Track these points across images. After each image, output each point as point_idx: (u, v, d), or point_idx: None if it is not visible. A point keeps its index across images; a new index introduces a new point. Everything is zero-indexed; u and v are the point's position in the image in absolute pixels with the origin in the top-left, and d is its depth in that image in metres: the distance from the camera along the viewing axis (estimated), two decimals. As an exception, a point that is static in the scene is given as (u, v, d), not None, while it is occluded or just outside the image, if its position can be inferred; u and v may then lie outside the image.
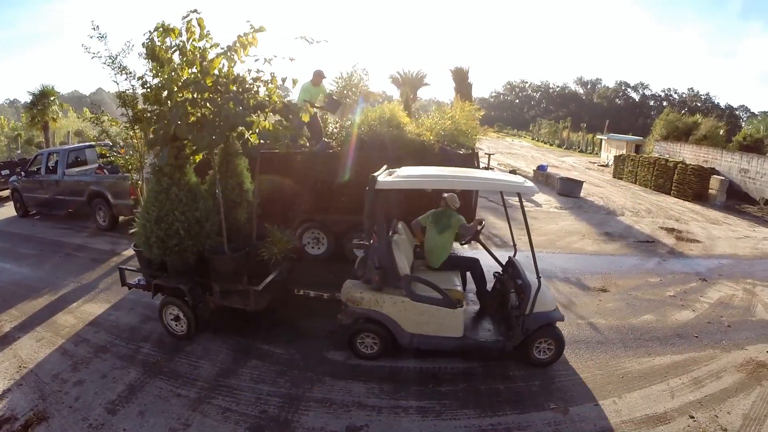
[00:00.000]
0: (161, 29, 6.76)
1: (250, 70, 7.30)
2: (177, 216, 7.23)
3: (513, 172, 23.09)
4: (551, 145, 63.28)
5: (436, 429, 5.95)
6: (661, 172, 25.40)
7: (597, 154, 47.68)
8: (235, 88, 7.15)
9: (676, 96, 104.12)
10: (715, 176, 23.07)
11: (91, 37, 8.33)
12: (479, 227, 8.06)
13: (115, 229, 14.51)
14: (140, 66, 9.56)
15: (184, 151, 7.24)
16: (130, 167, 10.08)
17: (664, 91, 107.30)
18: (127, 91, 8.56)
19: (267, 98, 7.44)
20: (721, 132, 35.36)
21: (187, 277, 7.60)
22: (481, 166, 10.99)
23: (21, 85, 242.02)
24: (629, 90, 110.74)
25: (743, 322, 9.11)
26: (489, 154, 24.72)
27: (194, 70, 7.05)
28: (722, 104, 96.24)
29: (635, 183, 27.64)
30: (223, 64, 7.09)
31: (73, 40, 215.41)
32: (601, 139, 46.19)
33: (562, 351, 7.14)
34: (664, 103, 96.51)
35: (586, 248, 13.23)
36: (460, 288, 7.49)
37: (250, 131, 7.22)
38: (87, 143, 18.47)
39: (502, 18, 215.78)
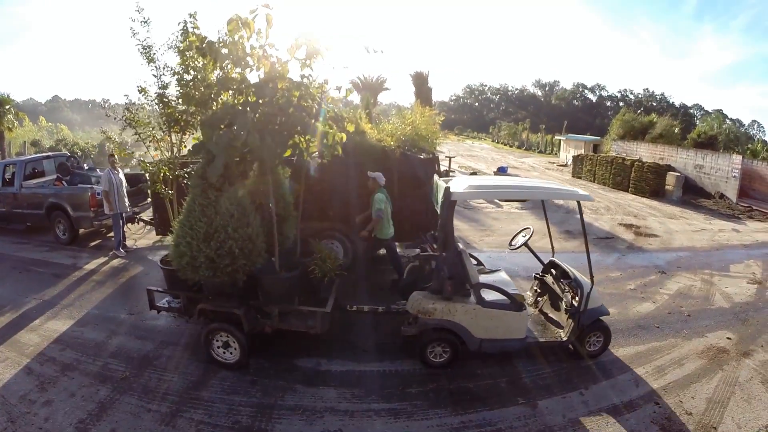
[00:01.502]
0: (236, 22, 6.29)
1: (303, 76, 6.75)
2: (229, 233, 6.54)
3: (474, 174, 23.29)
4: (511, 146, 64.03)
5: (408, 430, 6.06)
6: (618, 170, 25.97)
7: (556, 154, 48.39)
8: (298, 95, 6.67)
9: (632, 96, 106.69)
10: (671, 173, 23.69)
11: (134, 21, 8.00)
12: None
13: (75, 243, 14.15)
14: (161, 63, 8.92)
15: (236, 161, 6.70)
16: (160, 175, 9.30)
17: (620, 92, 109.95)
18: (163, 90, 8.22)
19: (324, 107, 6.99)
20: (676, 130, 36.30)
21: (240, 300, 7.03)
22: (441, 170, 11.09)
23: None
24: (586, 91, 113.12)
25: (702, 311, 9.51)
26: (450, 157, 24.96)
27: (255, 71, 6.66)
28: (677, 103, 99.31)
29: (594, 182, 28.20)
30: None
31: (29, 45, 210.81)
32: (559, 140, 46.89)
33: (609, 342, 7.52)
34: (621, 104, 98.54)
35: (547, 246, 13.41)
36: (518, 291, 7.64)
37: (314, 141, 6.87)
38: (44, 154, 18.06)
39: (461, 22, 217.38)
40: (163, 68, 8.15)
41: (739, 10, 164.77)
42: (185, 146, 8.77)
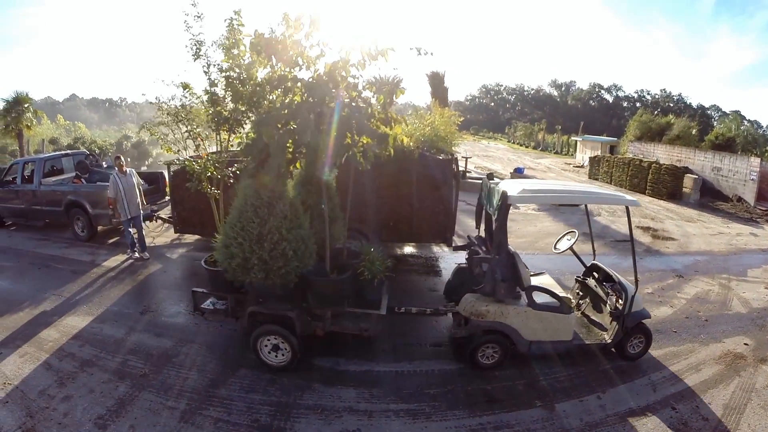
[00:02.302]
0: (293, 21, 6.19)
1: (354, 77, 6.57)
2: (283, 234, 6.45)
3: (490, 175, 23.14)
4: (527, 147, 63.91)
5: (426, 430, 6.06)
6: (635, 172, 25.78)
7: (572, 155, 48.22)
8: (355, 95, 6.61)
9: (648, 97, 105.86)
10: (688, 175, 23.52)
11: (187, 15, 7.89)
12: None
13: (93, 240, 14.29)
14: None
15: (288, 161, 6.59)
16: (207, 174, 8.87)
17: (637, 93, 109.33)
18: (214, 87, 8.01)
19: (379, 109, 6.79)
20: (694, 132, 36.03)
21: (292, 302, 6.98)
22: (459, 170, 11.05)
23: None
24: (603, 92, 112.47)
25: (720, 316, 9.43)
26: (466, 158, 24.86)
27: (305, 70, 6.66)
28: (694, 104, 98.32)
29: (611, 183, 27.98)
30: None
31: (46, 45, 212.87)
32: (576, 141, 46.67)
33: (650, 345, 7.55)
34: (638, 104, 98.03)
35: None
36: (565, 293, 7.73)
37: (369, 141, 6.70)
38: (63, 152, 18.21)
39: (477, 21, 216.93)
40: (213, 65, 8.02)
41: (756, 10, 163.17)
42: (231, 145, 8.67)
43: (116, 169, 12.30)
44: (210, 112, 8.12)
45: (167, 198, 14.85)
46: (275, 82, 6.63)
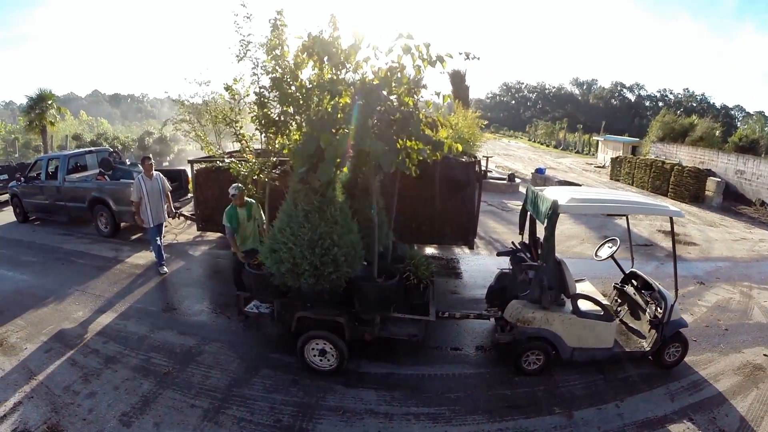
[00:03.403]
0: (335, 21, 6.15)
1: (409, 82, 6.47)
2: (335, 240, 6.44)
3: (512, 176, 23.08)
4: (548, 146, 63.51)
5: (447, 435, 6.04)
6: (658, 174, 25.51)
7: (593, 155, 47.86)
8: (408, 100, 6.49)
9: (671, 96, 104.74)
10: (711, 178, 23.22)
11: (236, 15, 7.80)
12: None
13: (116, 236, 14.46)
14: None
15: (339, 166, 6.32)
16: (253, 176, 8.79)
17: (659, 92, 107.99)
18: (263, 89, 7.86)
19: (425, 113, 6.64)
20: (717, 133, 35.55)
21: (341, 308, 6.96)
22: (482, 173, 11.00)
23: (17, 87, 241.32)
24: (625, 90, 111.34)
25: (740, 326, 9.29)
26: (487, 157, 24.79)
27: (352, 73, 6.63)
28: (717, 104, 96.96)
29: (632, 185, 27.70)
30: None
31: (68, 41, 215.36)
32: (597, 141, 46.34)
33: (686, 353, 7.52)
34: (660, 104, 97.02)
35: (585, 252, 13.28)
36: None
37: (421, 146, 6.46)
38: (87, 149, 18.39)
39: (498, 18, 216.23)
40: (260, 66, 7.87)
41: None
42: (277, 147, 8.56)
43: (142, 170, 11.40)
44: (257, 114, 8.00)
45: (189, 195, 14.98)
46: (326, 85, 6.47)
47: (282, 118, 7.75)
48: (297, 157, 6.52)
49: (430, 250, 12.66)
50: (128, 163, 17.03)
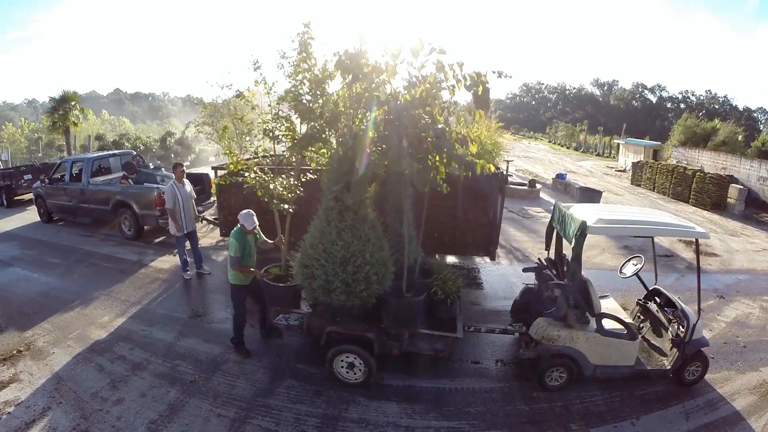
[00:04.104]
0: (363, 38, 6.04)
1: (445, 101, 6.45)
2: (366, 258, 6.53)
3: (533, 182, 22.95)
4: (568, 148, 63.16)
5: (467, 449, 6.07)
6: (679, 180, 25.27)
7: (614, 158, 47.52)
8: (441, 119, 6.40)
9: (693, 98, 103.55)
10: (733, 185, 22.91)
11: (293, 41, 7.71)
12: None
13: (140, 238, 14.64)
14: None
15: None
16: (280, 195, 8.42)
17: (681, 93, 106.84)
18: (303, 101, 7.64)
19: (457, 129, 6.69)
20: (740, 138, 35.05)
21: (370, 323, 7.05)
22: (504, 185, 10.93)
23: (39, 85, 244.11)
24: (646, 92, 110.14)
25: (758, 343, 9.19)
26: (508, 161, 24.69)
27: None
28: (740, 107, 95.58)
29: (654, 190, 27.52)
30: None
31: (91, 40, 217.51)
32: (618, 144, 46.02)
33: (706, 371, 7.50)
34: (682, 106, 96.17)
35: (606, 263, 13.22)
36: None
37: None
38: (110, 152, 18.58)
39: (519, 18, 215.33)
40: (299, 83, 7.73)
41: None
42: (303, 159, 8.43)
43: (174, 177, 11.36)
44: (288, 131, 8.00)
45: (212, 199, 15.11)
46: (359, 101, 6.52)
47: (311, 133, 7.71)
48: (330, 176, 6.53)
49: (451, 259, 12.65)
50: (152, 166, 17.20)
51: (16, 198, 21.30)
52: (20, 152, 47.43)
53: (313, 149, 7.84)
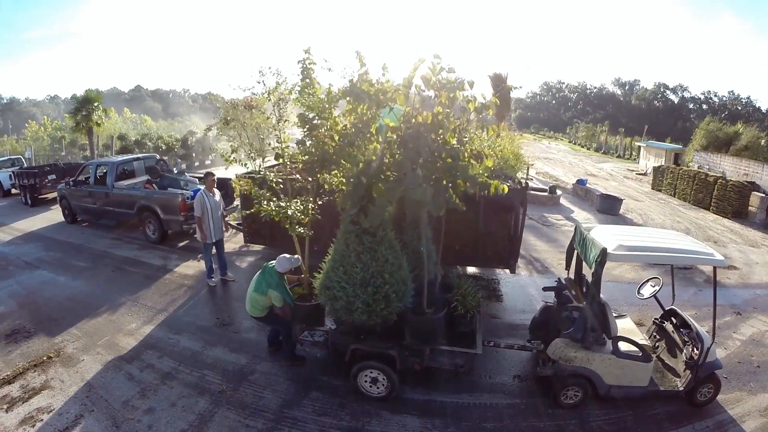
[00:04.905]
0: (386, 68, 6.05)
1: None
2: (386, 279, 6.64)
3: (553, 188, 22.85)
4: (588, 149, 62.81)
5: (484, 463, 6.19)
6: (700, 186, 25.02)
7: (635, 159, 47.29)
8: (455, 142, 6.36)
9: (716, 99, 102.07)
10: (755, 193, 22.61)
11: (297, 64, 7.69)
12: None
13: (164, 242, 14.91)
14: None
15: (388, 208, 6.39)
16: (298, 219, 8.31)
17: (704, 94, 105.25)
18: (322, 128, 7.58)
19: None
20: (762, 142, 34.82)
21: (392, 340, 7.16)
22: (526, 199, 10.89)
23: (62, 82, 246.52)
24: (668, 92, 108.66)
25: (772, 363, 9.03)
26: (528, 165, 24.61)
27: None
28: (763, 108, 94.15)
29: (674, 196, 27.29)
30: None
31: (111, 38, 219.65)
32: (639, 146, 45.78)
33: (718, 393, 7.55)
34: (704, 107, 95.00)
35: (624, 276, 13.05)
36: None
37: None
38: (134, 155, 18.83)
39: (540, 17, 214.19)
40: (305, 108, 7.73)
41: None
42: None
43: (205, 186, 11.48)
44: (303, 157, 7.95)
45: (236, 203, 15.30)
46: (368, 125, 6.55)
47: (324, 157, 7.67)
48: (347, 200, 6.63)
49: (471, 269, 12.70)
50: (175, 171, 17.45)
51: (39, 197, 21.90)
52: (43, 149, 47.99)
53: (326, 172, 7.86)
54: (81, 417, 6.89)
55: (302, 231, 8.34)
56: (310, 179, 8.22)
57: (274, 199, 8.27)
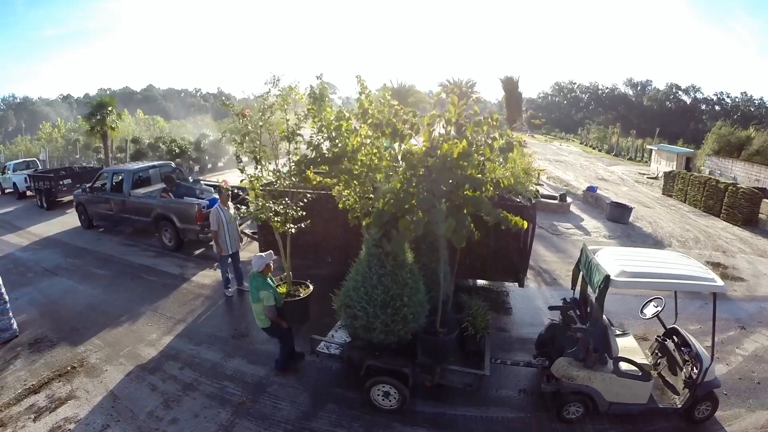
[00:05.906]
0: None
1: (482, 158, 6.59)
2: (405, 301, 6.95)
3: (563, 196, 22.85)
4: (600, 150, 62.65)
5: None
6: (711, 193, 24.96)
7: (646, 162, 47.19)
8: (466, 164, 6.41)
9: (728, 100, 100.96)
10: (766, 200, 22.61)
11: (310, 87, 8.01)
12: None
13: (180, 250, 15.16)
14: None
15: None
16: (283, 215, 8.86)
17: (716, 95, 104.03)
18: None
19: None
20: (774, 147, 34.69)
21: (406, 358, 7.46)
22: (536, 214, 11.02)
23: (75, 81, 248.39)
24: (680, 93, 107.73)
25: (773, 379, 9.04)
26: (539, 170, 24.62)
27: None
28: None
29: (685, 202, 27.25)
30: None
31: (123, 37, 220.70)
32: (651, 149, 45.70)
33: (716, 411, 7.73)
34: (716, 108, 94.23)
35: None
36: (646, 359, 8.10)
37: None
38: (150, 163, 19.06)
39: (552, 17, 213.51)
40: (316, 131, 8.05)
41: None
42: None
43: (220, 200, 11.72)
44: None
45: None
46: (407, 162, 6.63)
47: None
48: (372, 224, 6.89)
49: (481, 282, 12.84)
50: (191, 180, 17.72)
51: (55, 201, 22.49)
52: (57, 151, 48.48)
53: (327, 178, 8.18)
54: (107, 427, 7.17)
55: (288, 227, 8.86)
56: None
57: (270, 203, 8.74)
